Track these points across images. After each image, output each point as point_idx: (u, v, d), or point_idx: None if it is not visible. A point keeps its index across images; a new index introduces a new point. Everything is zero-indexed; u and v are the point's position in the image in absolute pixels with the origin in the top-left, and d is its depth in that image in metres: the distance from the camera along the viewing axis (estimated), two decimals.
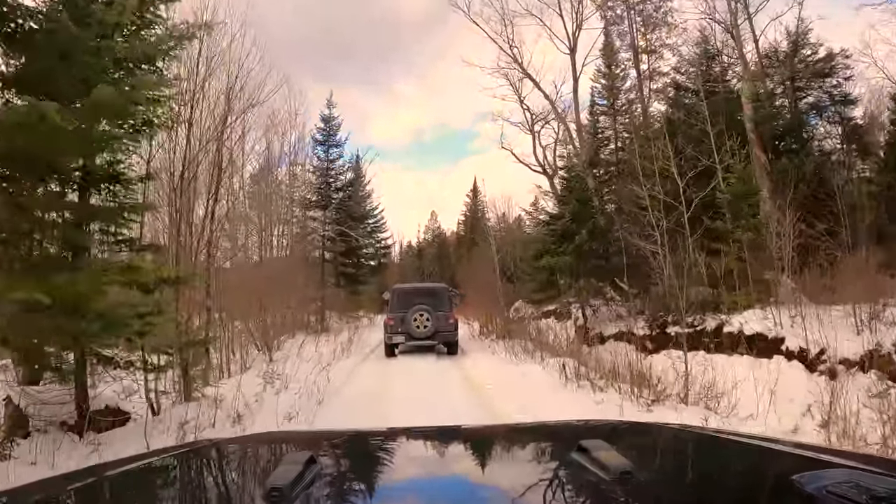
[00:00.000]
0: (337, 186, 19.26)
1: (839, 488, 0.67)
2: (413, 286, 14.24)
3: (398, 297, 11.98)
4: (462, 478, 0.99)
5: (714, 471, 0.98)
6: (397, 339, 11.43)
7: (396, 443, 1.27)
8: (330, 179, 18.97)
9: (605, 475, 0.77)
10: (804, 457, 1.00)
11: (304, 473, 0.79)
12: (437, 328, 11.28)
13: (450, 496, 0.86)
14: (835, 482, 0.69)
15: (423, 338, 11.28)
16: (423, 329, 11.24)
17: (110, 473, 1.03)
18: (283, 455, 1.08)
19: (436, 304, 11.51)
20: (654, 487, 0.83)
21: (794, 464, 0.94)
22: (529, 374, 8.52)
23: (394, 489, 0.93)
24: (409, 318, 11.26)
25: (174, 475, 1.08)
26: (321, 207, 18.33)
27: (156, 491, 0.98)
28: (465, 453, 1.21)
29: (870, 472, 0.76)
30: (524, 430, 1.47)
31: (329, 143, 19.74)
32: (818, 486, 0.69)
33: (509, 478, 0.94)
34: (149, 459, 1.17)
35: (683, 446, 1.21)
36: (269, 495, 0.72)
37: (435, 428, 1.50)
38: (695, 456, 1.12)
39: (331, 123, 19.95)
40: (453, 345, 11.65)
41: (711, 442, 1.23)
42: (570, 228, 13.03)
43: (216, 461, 1.17)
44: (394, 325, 11.46)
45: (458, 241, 40.94)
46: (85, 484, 0.95)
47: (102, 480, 1.00)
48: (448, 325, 11.43)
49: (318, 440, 1.35)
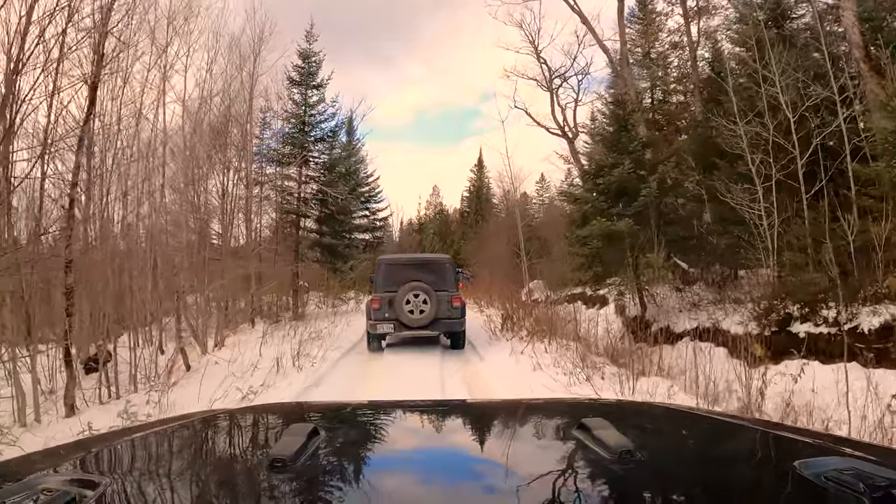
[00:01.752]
0: (316, 136, 15.34)
1: (838, 475, 0.66)
2: (406, 257, 10.62)
3: (386, 272, 8.83)
4: (463, 451, 1.00)
5: (714, 453, 0.94)
6: (383, 329, 8.38)
7: (400, 416, 1.25)
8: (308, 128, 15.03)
9: (605, 454, 0.77)
10: (805, 443, 0.97)
11: (307, 445, 0.81)
12: (438, 314, 8.23)
13: (451, 468, 0.87)
14: (834, 469, 0.68)
15: (419, 326, 8.26)
16: (418, 315, 8.18)
17: (111, 444, 1.02)
18: (286, 426, 1.02)
19: (436, 282, 8.49)
20: (655, 467, 0.82)
21: (795, 449, 0.93)
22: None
23: (396, 461, 0.94)
24: (399, 299, 8.16)
25: (176, 446, 1.05)
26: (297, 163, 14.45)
27: (158, 461, 0.96)
28: (466, 427, 1.21)
29: (870, 461, 0.74)
30: (527, 407, 1.41)
31: (307, 84, 15.77)
32: (817, 472, 0.69)
33: (510, 453, 0.94)
34: (151, 430, 1.12)
35: (685, 427, 1.16)
36: (272, 466, 0.74)
37: (438, 402, 1.66)
38: (696, 437, 1.07)
39: (310, 61, 15.94)
40: (458, 336, 8.67)
41: (713, 424, 1.17)
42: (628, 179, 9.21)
43: (219, 432, 1.16)
44: (379, 310, 8.37)
45: (462, 217, 38.03)
46: (83, 456, 0.95)
47: (102, 451, 0.97)
48: (452, 310, 8.39)
49: (321, 411, 1.35)
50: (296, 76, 15.74)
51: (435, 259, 10.01)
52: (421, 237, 36.98)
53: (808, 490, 0.69)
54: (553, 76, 20.89)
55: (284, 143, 14.79)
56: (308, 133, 14.90)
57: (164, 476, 0.85)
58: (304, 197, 14.49)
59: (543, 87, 20.93)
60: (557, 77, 20.71)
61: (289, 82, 15.69)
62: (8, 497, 0.64)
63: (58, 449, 1.04)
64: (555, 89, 21.04)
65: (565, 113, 19.65)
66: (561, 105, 20.10)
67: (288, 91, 15.64)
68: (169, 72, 9.47)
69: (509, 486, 0.77)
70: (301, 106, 15.47)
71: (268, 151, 14.59)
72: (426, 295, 8.19)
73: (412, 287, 8.24)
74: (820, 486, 0.66)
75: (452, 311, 8.42)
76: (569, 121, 20.39)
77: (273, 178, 14.71)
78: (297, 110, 15.39)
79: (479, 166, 38.58)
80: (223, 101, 11.81)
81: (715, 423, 1.18)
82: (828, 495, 0.66)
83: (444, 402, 1.56)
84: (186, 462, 0.95)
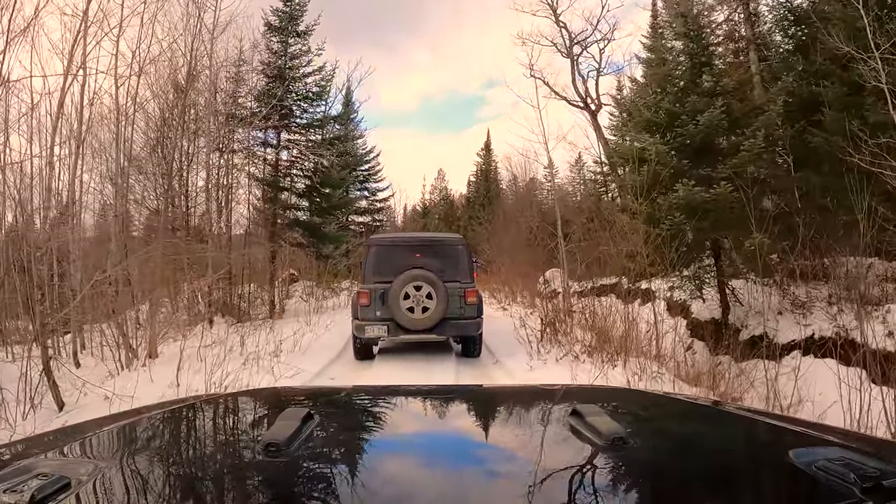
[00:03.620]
0: (299, 92, 12.55)
1: (829, 465, 0.65)
2: (405, 237, 8.16)
3: (377, 256, 6.68)
4: (458, 436, 0.99)
5: (706, 441, 0.94)
6: (374, 332, 6.29)
7: (393, 400, 1.24)
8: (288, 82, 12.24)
9: (597, 440, 0.76)
10: (797, 432, 0.96)
11: (302, 429, 0.80)
12: (447, 312, 6.15)
13: (446, 453, 0.87)
14: (825, 459, 0.67)
15: (421, 329, 6.19)
16: (420, 314, 6.11)
17: (106, 428, 0.98)
18: (280, 411, 0.94)
19: (444, 270, 6.41)
20: (646, 454, 0.82)
21: (787, 438, 0.92)
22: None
23: (390, 446, 0.93)
24: (395, 293, 6.11)
25: (170, 430, 1.04)
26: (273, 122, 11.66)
27: (152, 445, 0.95)
28: (460, 412, 1.20)
29: (861, 452, 0.74)
30: (521, 392, 1.44)
31: (289, 32, 12.98)
32: (808, 462, 0.68)
33: (503, 438, 0.94)
34: (145, 414, 1.09)
35: (679, 415, 1.15)
36: (266, 450, 0.73)
37: (432, 387, 1.62)
38: (689, 425, 1.05)
39: (293, 3, 13.17)
40: (473, 341, 6.55)
41: (706, 413, 1.16)
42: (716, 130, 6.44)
43: (214, 416, 1.15)
44: (369, 306, 6.30)
45: (468, 202, 36.25)
46: (77, 440, 0.92)
47: (96, 435, 0.95)
48: (466, 308, 6.27)
49: (316, 396, 1.33)
50: (275, 21, 12.98)
51: (443, 240, 7.46)
52: (425, 222, 34.74)
53: (799, 479, 0.70)
54: (573, 42, 18.73)
55: (258, 99, 12.03)
56: (288, 87, 12.12)
57: (159, 460, 0.84)
58: (283, 165, 11.75)
59: (563, 53, 19.08)
60: (577, 44, 18.67)
61: (266, 28, 12.94)
62: (2, 481, 0.62)
63: (52, 433, 1.03)
64: (575, 56, 18.81)
65: (587, 84, 17.98)
66: (582, 75, 18.17)
67: (265, 39, 12.91)
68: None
69: (501, 470, 0.78)
70: (280, 56, 12.70)
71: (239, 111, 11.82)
72: (431, 287, 6.10)
73: (412, 276, 6.15)
74: (810, 475, 0.66)
75: (466, 308, 6.29)
76: (591, 92, 18.33)
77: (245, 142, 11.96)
78: (275, 61, 12.62)
79: (487, 150, 37.81)
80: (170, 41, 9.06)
81: (708, 412, 1.16)
82: (818, 485, 0.65)
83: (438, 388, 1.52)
84: (181, 446, 0.96)
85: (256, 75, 12.80)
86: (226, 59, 11.57)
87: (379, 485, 0.71)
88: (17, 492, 0.59)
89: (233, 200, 11.25)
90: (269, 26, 12.95)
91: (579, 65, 18.40)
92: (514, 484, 0.70)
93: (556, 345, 6.19)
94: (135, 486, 0.71)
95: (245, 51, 11.89)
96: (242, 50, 11.88)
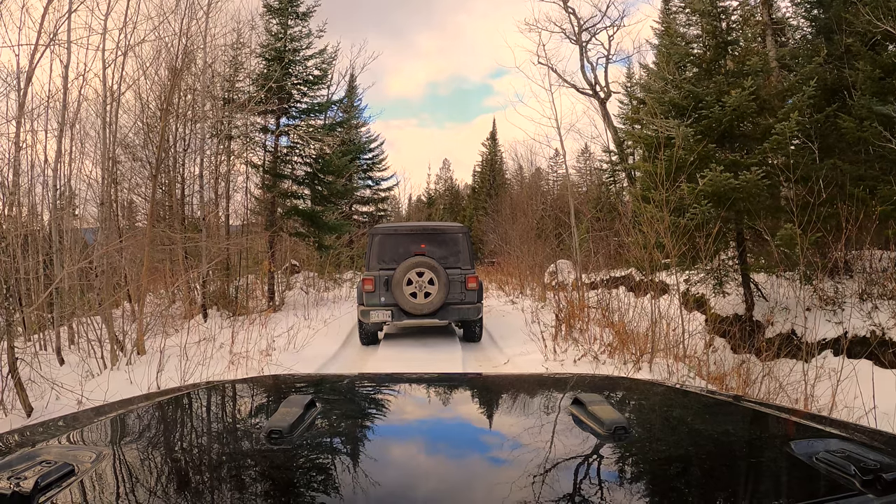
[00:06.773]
0: (299, 76, 12.05)
1: (829, 457, 0.65)
2: (408, 225, 7.95)
3: (381, 244, 7.03)
4: (459, 423, 0.98)
5: (708, 432, 0.92)
6: (378, 317, 6.71)
7: (395, 388, 1.23)
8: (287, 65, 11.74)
9: (599, 429, 0.75)
10: (798, 424, 0.97)
11: (304, 416, 0.79)
12: (449, 298, 6.60)
13: (448, 441, 0.86)
14: (826, 450, 0.67)
15: (424, 314, 6.65)
16: (422, 299, 6.56)
17: (109, 415, 0.98)
18: (283, 398, 0.96)
19: (446, 257, 6.85)
20: (648, 444, 0.81)
21: (788, 430, 0.92)
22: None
23: (391, 432, 0.92)
24: (398, 279, 6.56)
25: (173, 416, 1.03)
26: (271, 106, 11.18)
27: (155, 432, 0.94)
28: (462, 400, 1.18)
29: (861, 444, 0.74)
30: (523, 381, 1.41)
31: (289, 14, 12.45)
32: (809, 453, 0.68)
33: (505, 426, 0.93)
34: (149, 401, 1.09)
35: (680, 405, 1.14)
36: (269, 437, 0.73)
37: (434, 375, 1.64)
38: (690, 416, 1.05)
39: None
40: (473, 325, 7.05)
41: (708, 403, 1.15)
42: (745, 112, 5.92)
43: (217, 403, 1.14)
44: (373, 293, 6.72)
45: (474, 192, 35.85)
46: (81, 427, 0.92)
47: (100, 422, 0.95)
48: (466, 293, 6.72)
49: (318, 383, 1.31)
50: (274, 2, 12.46)
51: (445, 228, 7.50)
52: (430, 212, 34.34)
53: (800, 470, 0.69)
54: (582, 28, 18.26)
55: (257, 83, 11.54)
56: (287, 70, 11.62)
57: (162, 446, 0.84)
58: (283, 151, 11.27)
59: (571, 40, 18.61)
60: (586, 31, 18.22)
61: (265, 9, 12.43)
62: (8, 468, 0.62)
63: (56, 420, 1.00)
64: (584, 43, 18.34)
65: (595, 72, 17.63)
66: (591, 62, 17.73)
67: (264, 21, 12.41)
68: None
69: (503, 458, 0.77)
70: (279, 38, 12.19)
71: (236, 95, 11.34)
72: (433, 273, 6.53)
73: (415, 263, 6.56)
74: (811, 466, 0.66)
75: (467, 294, 6.71)
76: (599, 80, 17.86)
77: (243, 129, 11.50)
78: (274, 43, 12.11)
79: (493, 139, 37.48)
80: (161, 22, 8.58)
81: (709, 402, 1.14)
82: (818, 476, 0.65)
83: (441, 376, 1.51)
84: (184, 433, 0.94)
85: (255, 58, 12.36)
86: (224, 42, 11.12)
87: (381, 472, 0.71)
88: (21, 479, 0.58)
89: (230, 188, 10.83)
90: (268, 8, 12.46)
91: (588, 52, 18.07)
92: (516, 472, 0.70)
93: (572, 343, 5.76)
94: (138, 473, 0.70)
95: (243, 32, 11.42)
96: (240, 32, 11.41)
